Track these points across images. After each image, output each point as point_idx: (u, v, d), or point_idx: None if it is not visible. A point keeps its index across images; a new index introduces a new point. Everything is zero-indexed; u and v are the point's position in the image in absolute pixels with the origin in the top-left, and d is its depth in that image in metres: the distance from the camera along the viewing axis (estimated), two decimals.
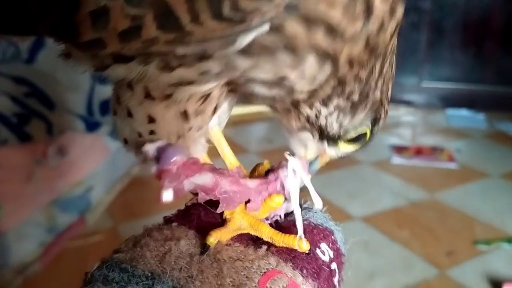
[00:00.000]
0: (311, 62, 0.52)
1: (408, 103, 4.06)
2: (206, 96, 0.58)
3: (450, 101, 4.03)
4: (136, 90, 0.58)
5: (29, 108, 1.85)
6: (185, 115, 0.59)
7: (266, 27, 0.48)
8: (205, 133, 0.64)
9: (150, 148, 0.59)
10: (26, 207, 1.87)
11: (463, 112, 3.90)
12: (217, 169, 0.59)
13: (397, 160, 2.98)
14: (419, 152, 3.08)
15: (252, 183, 0.60)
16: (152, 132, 0.61)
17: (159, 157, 0.59)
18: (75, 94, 2.03)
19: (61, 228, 2.03)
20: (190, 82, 0.54)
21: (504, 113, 3.83)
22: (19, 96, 1.81)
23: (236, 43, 0.49)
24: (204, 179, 0.57)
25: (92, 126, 2.16)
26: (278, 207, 0.59)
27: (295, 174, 0.60)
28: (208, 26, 0.46)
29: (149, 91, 0.57)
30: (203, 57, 0.51)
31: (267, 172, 0.62)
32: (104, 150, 2.34)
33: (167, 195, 0.55)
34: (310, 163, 0.68)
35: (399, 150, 3.10)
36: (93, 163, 2.25)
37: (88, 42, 0.51)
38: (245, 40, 0.49)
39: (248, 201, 0.59)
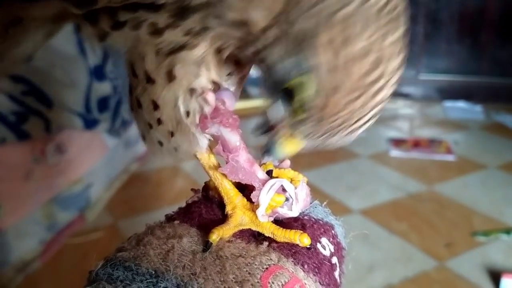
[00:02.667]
0: None
1: (405, 96, 4.07)
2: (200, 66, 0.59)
3: (447, 93, 4.04)
4: (139, 76, 0.60)
5: (27, 106, 1.84)
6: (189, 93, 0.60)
7: None
8: None
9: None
10: (25, 205, 1.87)
11: (460, 104, 3.91)
12: (244, 143, 0.62)
13: (395, 153, 2.99)
14: (417, 144, 3.09)
15: (260, 175, 0.61)
16: (159, 121, 0.62)
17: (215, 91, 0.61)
18: (72, 92, 2.03)
19: (61, 225, 2.03)
20: (181, 47, 0.57)
21: (501, 104, 3.84)
22: (16, 94, 1.80)
23: None
24: (231, 137, 0.60)
25: (90, 123, 2.16)
26: (278, 206, 0.59)
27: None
28: None
29: (149, 74, 0.59)
30: (182, 13, 0.54)
31: (268, 172, 0.63)
32: (102, 147, 2.34)
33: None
34: (270, 147, 0.60)
35: (397, 143, 3.11)
36: (92, 160, 2.25)
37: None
38: None
39: (250, 192, 0.60)
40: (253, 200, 0.59)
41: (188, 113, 0.61)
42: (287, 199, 0.60)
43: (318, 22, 0.51)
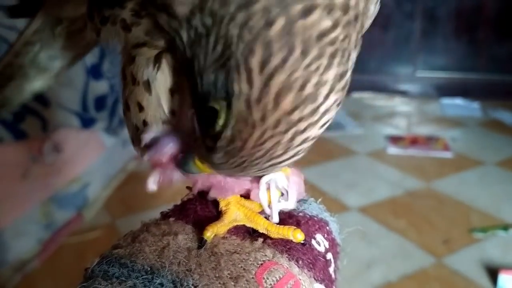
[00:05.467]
0: None
1: (402, 93, 4.08)
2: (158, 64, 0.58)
3: (445, 90, 4.05)
4: (127, 78, 0.60)
5: (24, 105, 1.84)
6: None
7: None
8: None
9: (146, 137, 0.58)
10: (23, 204, 1.87)
11: (458, 101, 3.92)
12: None
13: (392, 150, 2.99)
14: (414, 141, 3.10)
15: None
16: (145, 123, 0.61)
17: (151, 146, 0.58)
18: (69, 91, 2.03)
19: (59, 224, 2.03)
20: (143, 43, 0.57)
21: (499, 101, 3.84)
22: None
23: None
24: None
25: (87, 122, 2.16)
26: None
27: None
28: None
29: (134, 75, 0.59)
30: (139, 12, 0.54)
31: None
32: (100, 146, 2.34)
33: (152, 184, 0.55)
34: (185, 161, 0.54)
35: (395, 140, 3.12)
36: (89, 159, 2.25)
37: None
38: None
39: (248, 195, 0.60)
40: (254, 199, 0.59)
41: (174, 112, 0.60)
42: (282, 194, 0.60)
43: (243, 34, 0.42)
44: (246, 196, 0.61)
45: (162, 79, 0.59)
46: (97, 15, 0.61)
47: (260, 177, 0.59)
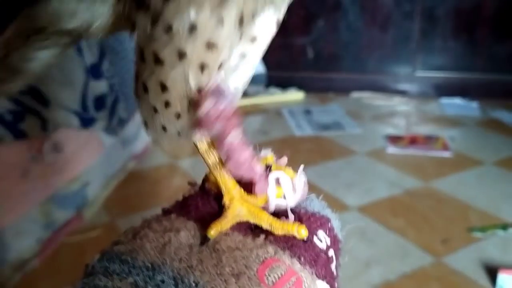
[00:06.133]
0: None
1: (402, 93, 4.07)
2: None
3: (444, 89, 4.05)
4: (147, 58, 0.59)
5: (24, 105, 1.84)
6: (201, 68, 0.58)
7: None
8: None
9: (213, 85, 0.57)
10: (22, 204, 1.86)
11: (457, 101, 3.92)
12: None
13: (392, 149, 2.99)
14: (413, 141, 3.09)
15: (259, 169, 0.60)
16: (167, 104, 0.60)
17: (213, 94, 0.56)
18: (69, 90, 2.03)
19: (58, 224, 2.03)
20: None
21: (498, 100, 3.84)
22: None
23: None
24: (234, 136, 0.56)
25: (86, 121, 2.16)
26: (277, 197, 0.60)
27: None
28: None
29: (158, 54, 0.58)
30: None
31: (266, 167, 0.63)
32: (99, 146, 2.34)
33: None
34: None
35: (394, 139, 3.12)
36: (89, 159, 2.25)
37: None
38: None
39: (251, 187, 0.60)
40: (259, 193, 0.59)
41: (200, 91, 0.59)
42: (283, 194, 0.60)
43: None
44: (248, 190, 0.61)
45: (190, 54, 0.57)
46: None
47: (267, 173, 0.60)
